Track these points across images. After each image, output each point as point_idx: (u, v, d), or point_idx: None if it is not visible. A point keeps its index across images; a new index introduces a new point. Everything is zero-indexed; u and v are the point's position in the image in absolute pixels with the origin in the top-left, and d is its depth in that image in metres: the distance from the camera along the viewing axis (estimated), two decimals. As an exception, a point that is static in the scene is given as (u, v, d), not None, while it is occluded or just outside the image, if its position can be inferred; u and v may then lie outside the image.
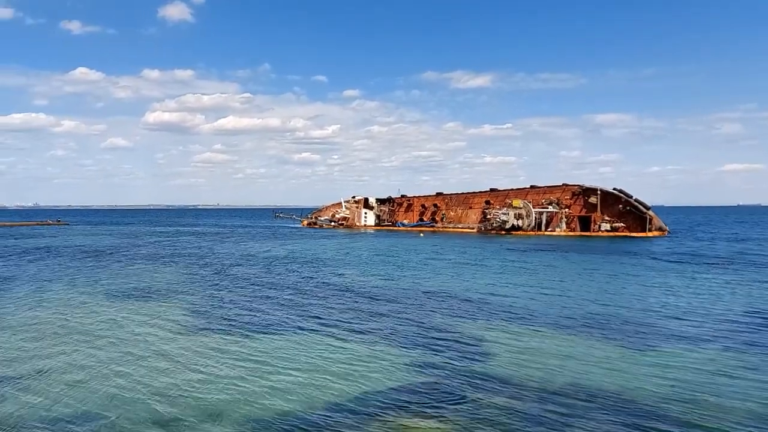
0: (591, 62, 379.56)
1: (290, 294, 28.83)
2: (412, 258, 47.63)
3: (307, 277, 35.79)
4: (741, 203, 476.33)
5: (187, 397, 13.66)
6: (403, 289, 30.49)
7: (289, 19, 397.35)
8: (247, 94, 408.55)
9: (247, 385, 14.41)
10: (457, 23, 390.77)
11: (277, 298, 27.70)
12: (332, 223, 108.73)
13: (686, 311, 23.60)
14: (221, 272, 38.38)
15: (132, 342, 19.02)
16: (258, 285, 32.06)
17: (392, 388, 14.14)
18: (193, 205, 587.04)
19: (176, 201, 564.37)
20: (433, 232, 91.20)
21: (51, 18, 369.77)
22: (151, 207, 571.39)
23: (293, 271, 38.53)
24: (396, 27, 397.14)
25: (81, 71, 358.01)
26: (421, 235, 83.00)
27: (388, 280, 34.18)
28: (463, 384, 14.40)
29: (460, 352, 17.51)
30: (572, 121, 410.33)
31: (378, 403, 13.08)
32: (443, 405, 12.95)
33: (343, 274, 36.82)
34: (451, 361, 16.45)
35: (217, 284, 32.49)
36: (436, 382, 14.57)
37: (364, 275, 36.32)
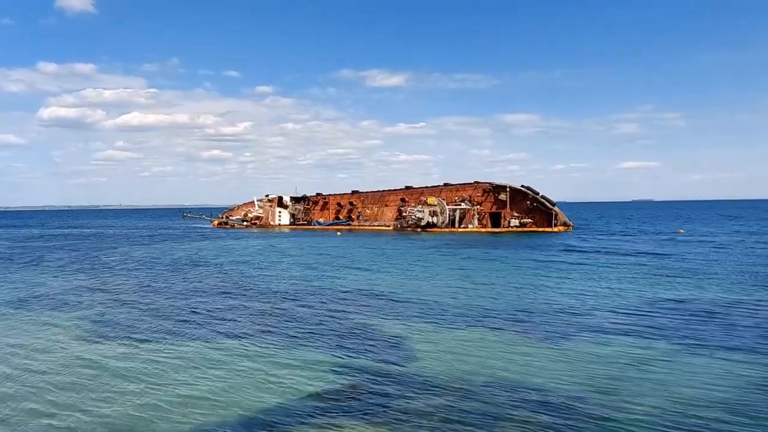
0: (504, 64, 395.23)
1: (196, 300, 27.24)
2: (328, 258, 46.84)
3: (215, 280, 34.13)
4: (635, 198, 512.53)
5: (88, 414, 12.34)
6: (320, 290, 29.71)
7: (199, 11, 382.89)
8: (154, 90, 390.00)
9: (154, 399, 13.27)
10: (374, 22, 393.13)
11: (183, 304, 26.06)
12: (245, 223, 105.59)
13: (594, 303, 24.50)
14: (120, 278, 35.88)
15: (21, 356, 17.14)
16: (159, 291, 30.11)
17: (314, 394, 13.48)
18: (95, 206, 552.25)
19: (77, 201, 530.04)
20: (350, 230, 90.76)
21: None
22: (49, 208, 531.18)
23: (199, 275, 36.66)
24: (312, 24, 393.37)
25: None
26: (338, 233, 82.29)
27: (304, 281, 33.25)
28: (386, 385, 14.00)
29: (381, 352, 17.10)
30: (484, 121, 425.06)
31: (299, 411, 12.40)
32: (367, 408, 12.48)
33: (256, 277, 35.47)
34: (373, 363, 16.02)
35: (115, 291, 30.22)
36: (358, 385, 14.06)
37: (278, 277, 35.16)
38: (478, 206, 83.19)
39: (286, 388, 13.88)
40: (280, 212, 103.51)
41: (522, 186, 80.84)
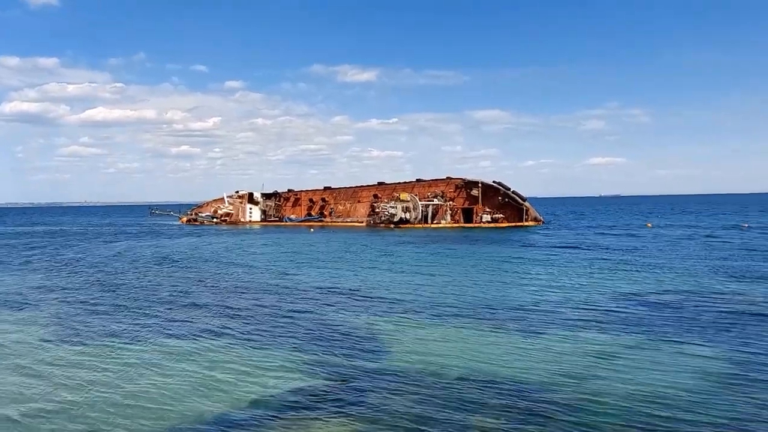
0: (474, 60, 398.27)
1: (164, 298, 26.81)
2: (299, 255, 46.54)
3: (179, 279, 33.57)
4: (603, 194, 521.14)
5: (57, 415, 12.05)
6: (289, 288, 29.52)
7: (166, 5, 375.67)
8: (119, 84, 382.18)
9: (121, 399, 13.06)
10: (345, 17, 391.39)
11: (150, 302, 25.60)
12: (214, 220, 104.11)
13: (562, 297, 24.88)
14: (75, 277, 35.05)
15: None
16: (116, 290, 29.38)
17: (289, 391, 13.46)
18: (59, 203, 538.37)
19: (39, 198, 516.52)
20: (322, 226, 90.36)
21: None
22: (11, 205, 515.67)
23: (162, 274, 36.02)
24: (283, 18, 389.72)
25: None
26: (311, 230, 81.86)
27: (273, 279, 33.02)
28: (363, 380, 14.06)
29: (356, 348, 17.13)
30: (455, 117, 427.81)
31: (275, 409, 12.38)
32: (345, 404, 12.53)
33: (222, 275, 35.04)
34: (349, 358, 16.07)
35: (68, 291, 29.45)
36: (335, 381, 14.11)
37: (245, 276, 34.78)
38: (451, 202, 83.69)
39: (249, 390, 13.71)
40: (250, 209, 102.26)
41: (493, 182, 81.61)
